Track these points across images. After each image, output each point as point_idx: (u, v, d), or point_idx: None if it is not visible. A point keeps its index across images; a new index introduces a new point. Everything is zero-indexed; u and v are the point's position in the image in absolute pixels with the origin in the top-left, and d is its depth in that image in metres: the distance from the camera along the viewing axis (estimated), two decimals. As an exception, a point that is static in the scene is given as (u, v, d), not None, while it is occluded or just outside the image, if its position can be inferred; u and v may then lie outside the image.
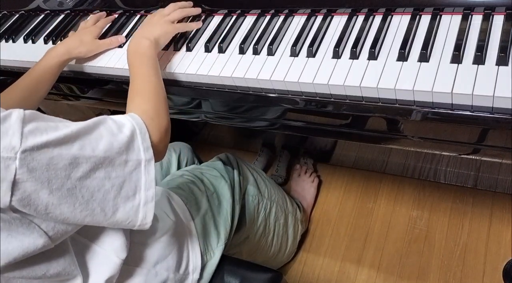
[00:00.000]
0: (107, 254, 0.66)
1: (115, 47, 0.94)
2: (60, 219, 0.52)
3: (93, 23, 0.95)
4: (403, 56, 0.67)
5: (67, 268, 0.60)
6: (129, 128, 0.59)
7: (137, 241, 0.74)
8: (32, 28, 1.09)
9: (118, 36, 0.94)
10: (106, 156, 0.54)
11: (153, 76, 0.72)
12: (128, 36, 0.95)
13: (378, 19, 0.75)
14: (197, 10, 0.91)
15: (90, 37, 0.91)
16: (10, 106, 0.77)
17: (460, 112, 0.62)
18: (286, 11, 0.85)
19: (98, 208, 0.54)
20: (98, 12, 1.05)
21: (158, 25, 0.83)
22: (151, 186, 0.59)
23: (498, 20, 0.66)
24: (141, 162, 0.59)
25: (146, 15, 0.99)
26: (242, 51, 0.81)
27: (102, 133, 0.55)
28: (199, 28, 0.89)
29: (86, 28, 0.94)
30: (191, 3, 0.92)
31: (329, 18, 0.80)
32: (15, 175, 0.45)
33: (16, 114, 0.48)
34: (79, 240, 0.64)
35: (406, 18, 0.73)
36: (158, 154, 0.63)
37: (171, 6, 0.88)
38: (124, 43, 0.94)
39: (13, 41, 1.09)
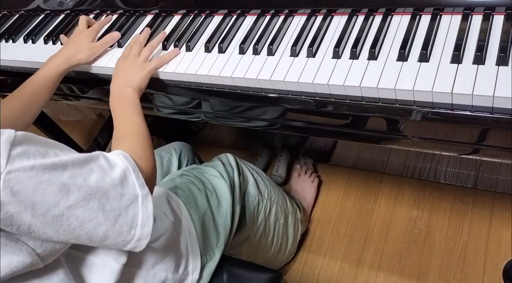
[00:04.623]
0: (106, 262, 0.65)
1: (116, 48, 0.94)
2: (43, 238, 0.51)
3: (86, 26, 0.94)
4: (403, 56, 0.67)
5: None
6: (121, 167, 0.58)
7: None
8: (32, 28, 1.09)
9: (112, 32, 0.93)
10: (99, 186, 0.53)
11: (138, 120, 0.73)
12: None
13: (378, 19, 0.75)
14: (163, 35, 0.89)
15: (87, 41, 0.89)
16: (9, 117, 0.79)
17: (460, 112, 0.62)
18: (286, 11, 0.85)
19: (84, 236, 0.53)
20: (98, 12, 1.05)
21: (135, 69, 0.82)
22: (148, 222, 0.58)
23: (498, 20, 0.66)
24: (138, 196, 0.57)
25: (146, 15, 0.99)
26: (242, 51, 0.81)
27: (93, 169, 0.54)
28: (199, 28, 0.89)
29: (81, 32, 0.92)
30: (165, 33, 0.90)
31: (329, 18, 0.80)
32: None
33: (6, 135, 0.47)
34: (74, 255, 0.63)
35: (406, 18, 0.73)
36: None
37: (137, 43, 0.86)
38: (121, 39, 0.93)
39: (13, 41, 1.09)
